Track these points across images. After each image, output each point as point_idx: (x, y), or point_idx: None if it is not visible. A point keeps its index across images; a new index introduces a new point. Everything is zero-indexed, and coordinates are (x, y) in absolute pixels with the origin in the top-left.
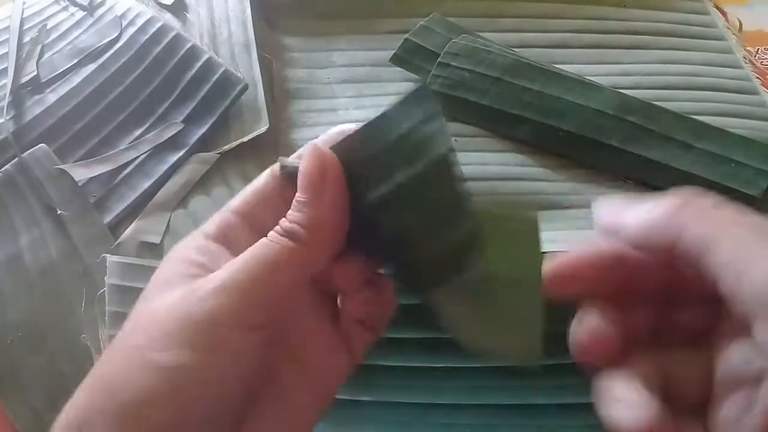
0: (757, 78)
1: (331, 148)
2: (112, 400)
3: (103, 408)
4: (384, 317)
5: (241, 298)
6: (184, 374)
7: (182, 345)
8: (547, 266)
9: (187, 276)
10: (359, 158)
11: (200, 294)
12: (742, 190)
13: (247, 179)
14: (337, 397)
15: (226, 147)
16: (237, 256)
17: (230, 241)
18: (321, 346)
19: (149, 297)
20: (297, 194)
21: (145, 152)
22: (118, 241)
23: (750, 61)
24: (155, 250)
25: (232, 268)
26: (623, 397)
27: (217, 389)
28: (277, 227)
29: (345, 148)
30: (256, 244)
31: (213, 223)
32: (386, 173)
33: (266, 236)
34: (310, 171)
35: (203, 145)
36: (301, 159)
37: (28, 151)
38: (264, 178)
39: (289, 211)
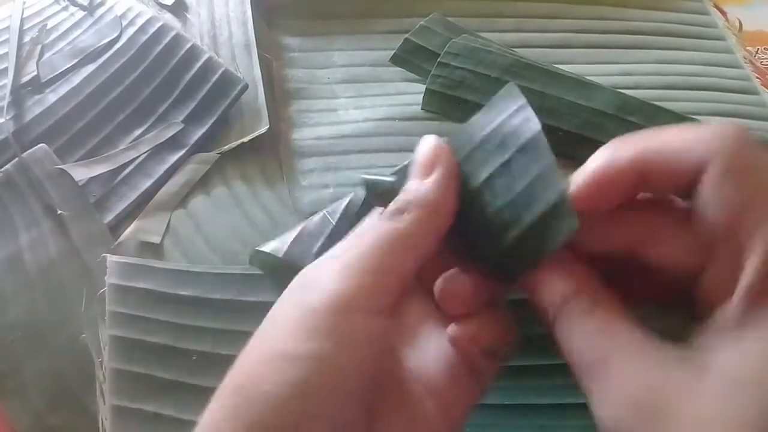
0: (757, 78)
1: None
2: (247, 399)
3: (236, 413)
4: (502, 345)
5: (361, 280)
6: (312, 364)
7: (308, 335)
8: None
9: None
10: (459, 156)
11: (320, 280)
12: None
13: (248, 179)
14: None
15: (227, 147)
16: None
17: None
18: (441, 355)
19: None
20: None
21: (145, 152)
22: (118, 240)
23: (750, 61)
24: (155, 250)
25: (345, 249)
26: None
27: (344, 379)
28: (384, 210)
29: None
30: (364, 224)
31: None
32: (481, 165)
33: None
34: (422, 153)
35: (203, 145)
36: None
37: (28, 151)
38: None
39: (398, 196)
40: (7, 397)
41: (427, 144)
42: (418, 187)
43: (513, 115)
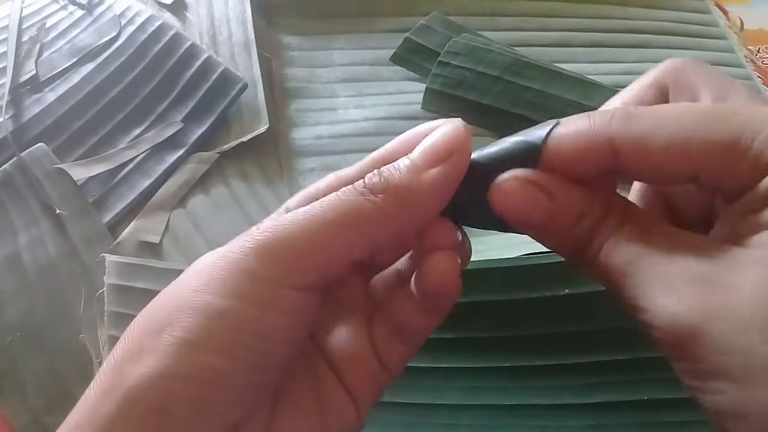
0: (759, 77)
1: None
2: (161, 333)
3: (152, 343)
4: (427, 329)
5: (303, 254)
6: (233, 322)
7: (235, 294)
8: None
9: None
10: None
11: (260, 244)
12: None
13: (247, 178)
14: None
15: (226, 146)
16: None
17: None
18: (358, 345)
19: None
20: (410, 155)
21: (145, 151)
22: (117, 240)
23: (751, 60)
24: (154, 250)
25: (294, 218)
26: None
27: (263, 345)
28: (359, 182)
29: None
30: (328, 197)
31: (297, 199)
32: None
33: (340, 191)
34: (441, 136)
35: (202, 144)
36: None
37: (27, 151)
38: (322, 184)
39: (385, 167)
40: (6, 396)
41: (451, 128)
42: (412, 175)
43: (533, 130)
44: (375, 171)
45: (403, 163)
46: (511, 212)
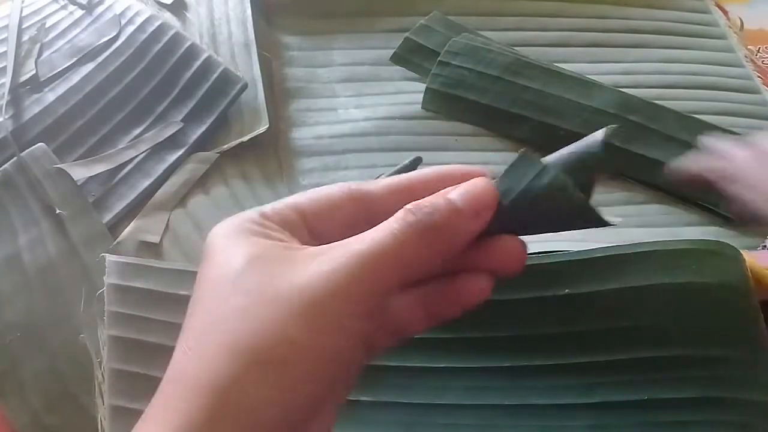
0: (759, 77)
1: None
2: (267, 365)
3: (259, 374)
4: (421, 330)
5: (371, 285)
6: (329, 355)
7: (322, 330)
8: None
9: (258, 230)
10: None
11: (325, 274)
12: None
13: (247, 179)
14: None
15: (226, 146)
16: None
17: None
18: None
19: (227, 259)
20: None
21: (144, 151)
22: (117, 240)
23: (751, 60)
24: (154, 250)
25: (357, 249)
26: None
27: (344, 370)
28: (404, 211)
29: None
30: (388, 224)
31: (271, 208)
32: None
33: (393, 219)
34: (474, 194)
35: (202, 144)
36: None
37: (27, 150)
38: (338, 189)
39: (431, 198)
40: (6, 396)
41: (483, 184)
42: (457, 218)
43: (535, 179)
44: (421, 206)
45: (449, 205)
46: None
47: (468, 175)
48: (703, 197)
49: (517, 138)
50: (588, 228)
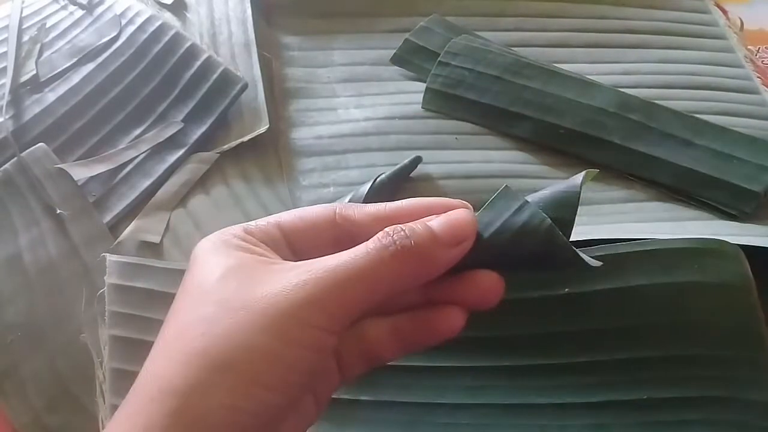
0: (758, 77)
1: None
2: (227, 372)
3: (220, 380)
4: (395, 357)
5: (340, 300)
6: (292, 364)
7: (289, 341)
8: None
9: (239, 243)
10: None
11: (294, 285)
12: (745, 186)
13: (247, 179)
14: (337, 396)
15: (226, 146)
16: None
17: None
18: (329, 364)
19: (206, 271)
20: (431, 218)
21: (145, 151)
22: (118, 240)
23: (751, 60)
24: (155, 250)
25: (332, 264)
26: None
27: (310, 380)
28: (383, 233)
29: None
30: (365, 244)
31: (256, 224)
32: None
33: (369, 242)
34: (457, 221)
35: (203, 144)
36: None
37: (28, 151)
38: (323, 211)
39: (410, 223)
40: (7, 396)
41: (463, 216)
42: (434, 246)
43: (515, 214)
44: (398, 229)
45: (427, 230)
46: None
47: (450, 207)
48: (704, 194)
49: (517, 137)
50: (567, 268)
